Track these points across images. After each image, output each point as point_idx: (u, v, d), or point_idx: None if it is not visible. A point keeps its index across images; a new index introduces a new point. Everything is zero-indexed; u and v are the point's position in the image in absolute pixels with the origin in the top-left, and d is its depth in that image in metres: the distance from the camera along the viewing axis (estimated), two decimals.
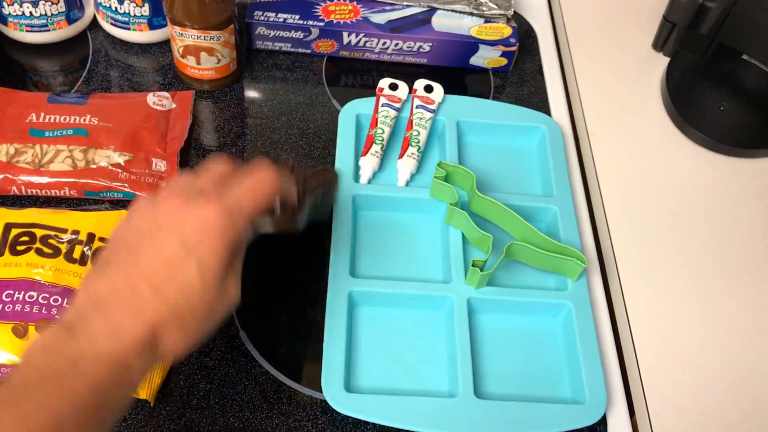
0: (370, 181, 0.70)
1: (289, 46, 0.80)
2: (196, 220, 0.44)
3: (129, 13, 0.75)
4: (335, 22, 0.79)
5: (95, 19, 0.80)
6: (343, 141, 0.72)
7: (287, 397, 0.59)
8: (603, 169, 0.74)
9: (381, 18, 0.80)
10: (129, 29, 0.77)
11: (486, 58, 0.81)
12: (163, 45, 0.80)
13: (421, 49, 0.80)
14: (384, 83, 0.76)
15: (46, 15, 0.75)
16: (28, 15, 0.74)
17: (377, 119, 0.73)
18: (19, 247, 0.60)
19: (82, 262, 0.60)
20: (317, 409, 0.58)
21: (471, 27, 0.80)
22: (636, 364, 0.62)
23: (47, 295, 0.57)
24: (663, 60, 0.83)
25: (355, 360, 0.61)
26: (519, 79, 0.83)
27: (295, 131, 0.75)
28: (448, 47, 0.80)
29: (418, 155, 0.71)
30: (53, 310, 0.57)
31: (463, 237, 0.66)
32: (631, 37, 0.86)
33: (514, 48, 0.80)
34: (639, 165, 0.75)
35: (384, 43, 0.80)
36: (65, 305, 0.57)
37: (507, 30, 0.80)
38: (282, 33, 0.79)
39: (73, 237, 0.61)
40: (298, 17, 0.78)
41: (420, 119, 0.73)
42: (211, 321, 0.46)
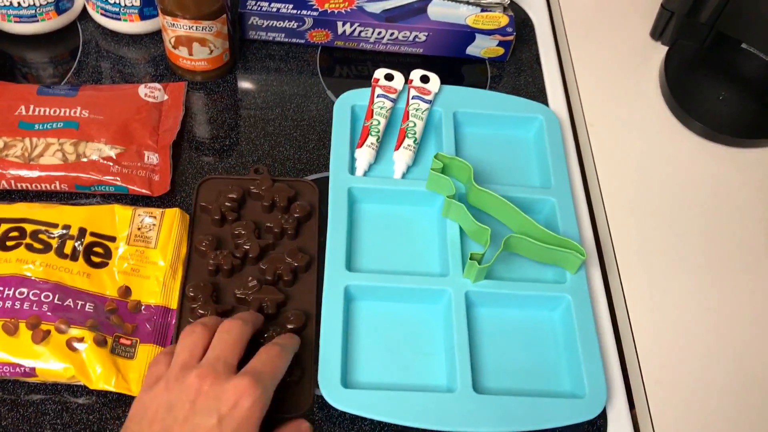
0: (365, 174, 0.69)
1: (283, 36, 0.79)
2: (230, 400, 0.47)
3: (120, 3, 0.74)
4: (329, 11, 0.77)
5: (85, 10, 0.79)
6: (338, 133, 0.71)
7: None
8: (601, 160, 0.73)
9: (376, 7, 0.79)
10: (120, 19, 0.76)
11: (483, 47, 0.80)
12: (155, 35, 0.79)
13: (417, 39, 0.79)
14: (379, 74, 0.75)
15: (34, 5, 0.74)
16: (16, 5, 0.73)
17: (373, 110, 0.72)
18: (9, 243, 0.59)
19: (73, 257, 0.59)
20: (314, 405, 0.58)
21: (467, 16, 0.79)
22: (636, 357, 0.62)
23: (38, 292, 0.56)
24: (661, 49, 0.82)
25: (352, 355, 0.60)
26: (516, 69, 0.82)
27: (290, 123, 0.74)
28: (444, 37, 0.79)
29: (414, 147, 0.70)
30: (44, 306, 0.56)
31: (461, 229, 0.66)
32: (629, 26, 0.85)
33: (511, 37, 0.80)
34: (638, 155, 0.74)
35: (379, 33, 0.79)
36: (56, 301, 0.56)
37: (504, 19, 0.79)
38: (275, 23, 0.78)
39: (64, 232, 0.60)
40: (291, 7, 0.77)
41: (416, 110, 0.72)
42: None
